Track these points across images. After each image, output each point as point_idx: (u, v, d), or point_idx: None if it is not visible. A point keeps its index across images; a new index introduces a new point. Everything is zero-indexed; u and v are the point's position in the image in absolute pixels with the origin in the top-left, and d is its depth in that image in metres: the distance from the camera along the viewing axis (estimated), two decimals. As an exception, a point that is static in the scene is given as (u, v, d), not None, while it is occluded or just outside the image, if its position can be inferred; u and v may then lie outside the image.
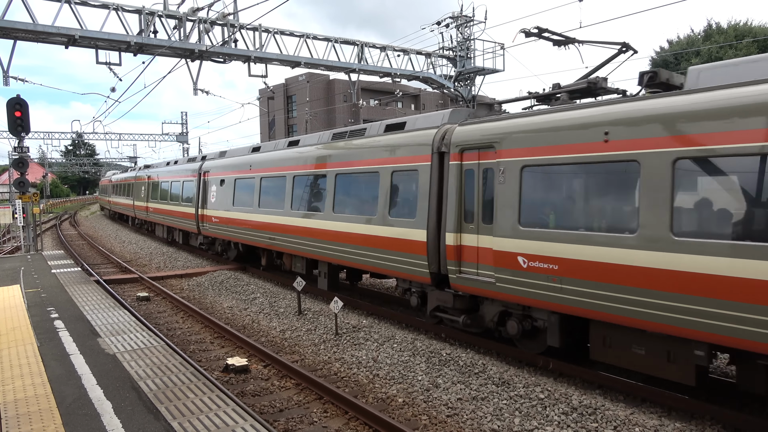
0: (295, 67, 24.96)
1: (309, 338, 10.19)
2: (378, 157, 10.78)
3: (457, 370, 8.10)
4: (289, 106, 67.15)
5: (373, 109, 58.48)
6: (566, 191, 7.58)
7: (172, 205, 23.18)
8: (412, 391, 7.53)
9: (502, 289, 8.07)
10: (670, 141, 6.16)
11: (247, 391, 7.76)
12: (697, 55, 31.29)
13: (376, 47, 26.85)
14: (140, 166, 32.50)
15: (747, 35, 30.83)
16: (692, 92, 6.20)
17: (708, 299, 5.81)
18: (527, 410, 6.71)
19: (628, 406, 6.75)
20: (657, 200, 6.26)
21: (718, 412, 6.37)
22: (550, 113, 7.69)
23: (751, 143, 5.57)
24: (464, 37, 27.70)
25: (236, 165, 17.41)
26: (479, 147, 8.64)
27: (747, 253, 5.52)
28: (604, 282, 6.72)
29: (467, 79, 28.44)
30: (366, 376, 8.23)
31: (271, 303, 12.93)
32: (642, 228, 6.37)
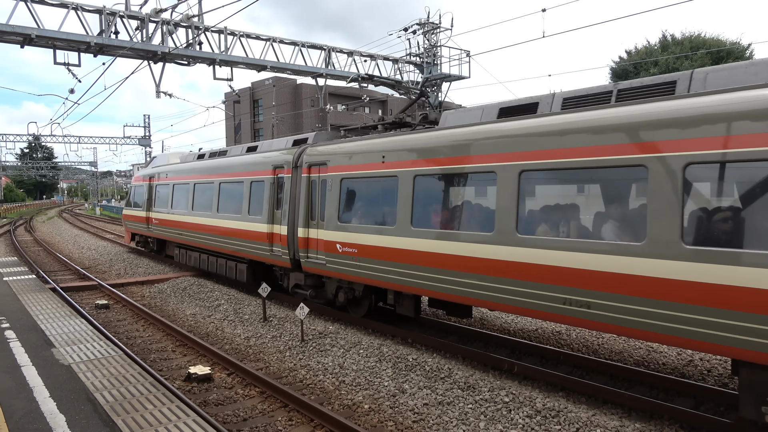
0: (261, 71, 24.71)
1: (274, 345, 10.04)
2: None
3: (423, 375, 8.10)
4: (256, 110, 66.47)
5: (340, 114, 58.39)
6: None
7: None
8: (378, 397, 7.49)
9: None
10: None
11: (209, 400, 7.58)
12: (655, 65, 32.32)
13: (344, 52, 26.83)
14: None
15: (701, 47, 32.04)
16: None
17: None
18: (492, 414, 6.75)
19: (590, 408, 6.86)
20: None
21: (677, 412, 6.54)
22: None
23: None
24: (431, 44, 27.94)
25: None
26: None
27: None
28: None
29: (434, 86, 28.68)
30: (332, 382, 8.15)
31: (236, 309, 12.70)
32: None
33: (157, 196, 20.36)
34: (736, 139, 5.42)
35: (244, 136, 67.55)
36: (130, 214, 23.08)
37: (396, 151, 9.53)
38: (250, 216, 13.48)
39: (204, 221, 15.94)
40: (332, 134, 12.75)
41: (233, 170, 14.79)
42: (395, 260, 9.22)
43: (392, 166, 9.48)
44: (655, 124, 6.06)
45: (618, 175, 6.45)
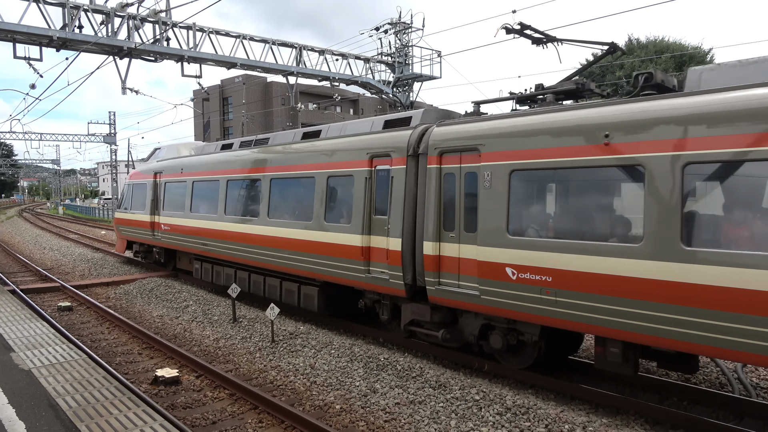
0: (230, 68, 24.36)
1: (244, 346, 9.91)
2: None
3: (394, 375, 8.11)
4: (225, 108, 65.57)
5: (311, 113, 58.07)
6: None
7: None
8: (349, 398, 7.46)
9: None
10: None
11: (177, 403, 7.43)
12: (620, 68, 33.08)
13: (315, 50, 26.67)
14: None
15: (665, 51, 32.95)
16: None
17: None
18: (463, 412, 6.80)
19: (558, 404, 6.97)
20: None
21: (642, 407, 6.70)
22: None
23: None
24: (402, 44, 28.02)
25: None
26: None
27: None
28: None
29: (405, 85, 28.76)
30: (303, 383, 8.08)
31: (205, 311, 12.50)
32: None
33: (166, 196, 16.45)
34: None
35: (213, 134, 66.58)
36: (126, 218, 19.00)
37: (644, 125, 6.18)
38: (327, 224, 10.22)
39: (244, 229, 12.44)
40: (445, 112, 9.66)
41: (294, 162, 11.38)
42: (643, 298, 6.04)
43: (630, 149, 6.26)
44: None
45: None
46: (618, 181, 6.70)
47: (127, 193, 19.47)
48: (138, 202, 18.25)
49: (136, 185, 18.69)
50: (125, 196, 19.51)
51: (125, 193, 19.58)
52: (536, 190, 7.52)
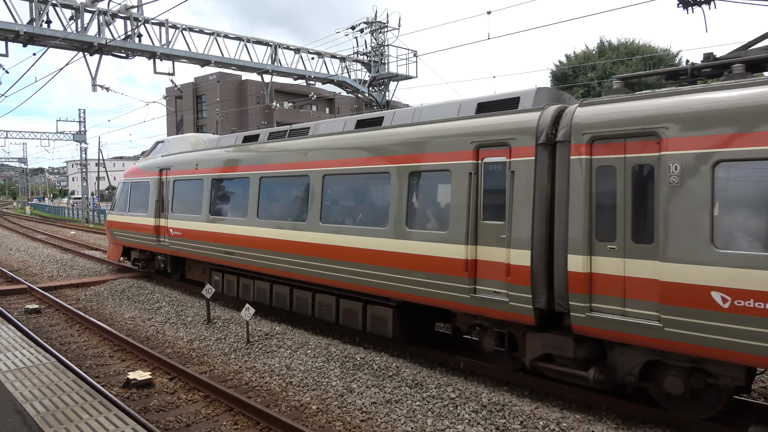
0: (204, 66, 24.06)
1: (219, 347, 9.79)
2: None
3: (371, 374, 8.11)
4: (199, 107, 64.68)
5: (287, 112, 57.66)
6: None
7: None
8: (326, 398, 7.44)
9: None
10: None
11: (150, 406, 7.30)
12: (593, 69, 33.65)
13: (290, 49, 26.50)
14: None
15: (636, 53, 33.64)
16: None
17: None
18: (439, 410, 6.84)
19: (533, 401, 7.06)
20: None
21: (613, 402, 6.83)
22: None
23: None
24: (378, 43, 28.02)
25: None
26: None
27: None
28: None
29: (381, 85, 28.78)
30: (279, 384, 8.03)
31: (178, 312, 12.31)
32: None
33: (176, 196, 14.28)
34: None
35: (187, 132, 65.54)
36: (122, 221, 16.71)
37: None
38: (410, 230, 8.36)
39: (285, 236, 10.48)
40: (558, 93, 8.11)
41: (355, 155, 9.47)
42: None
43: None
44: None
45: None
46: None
47: (122, 192, 17.13)
48: (138, 203, 15.98)
49: (136, 184, 16.32)
50: (120, 196, 17.21)
51: (120, 192, 17.27)
52: (759, 190, 5.50)
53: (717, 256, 5.52)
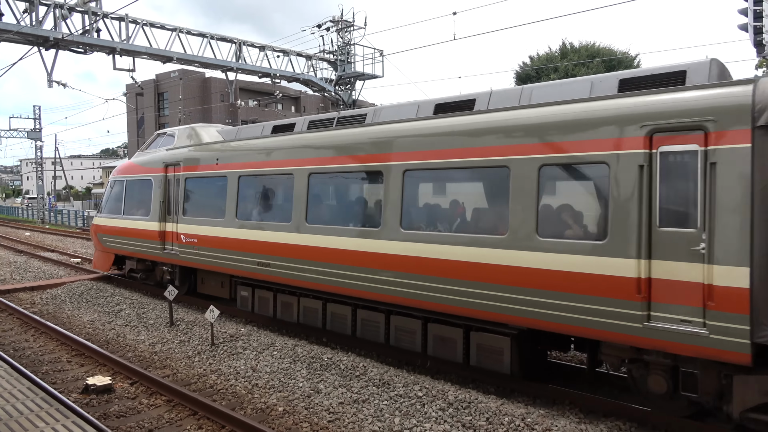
0: (166, 62, 23.54)
1: (182, 350, 9.59)
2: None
3: (338, 374, 8.08)
4: (161, 104, 63.23)
5: (252, 110, 56.95)
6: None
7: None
8: (292, 399, 7.37)
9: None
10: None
11: (110, 412, 7.10)
12: (555, 71, 34.33)
13: (255, 46, 26.17)
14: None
15: (596, 55, 34.48)
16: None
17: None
18: (407, 409, 6.86)
19: (498, 398, 7.16)
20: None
21: (576, 396, 6.99)
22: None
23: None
24: (344, 42, 27.94)
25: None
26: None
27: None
28: None
29: (348, 84, 28.71)
30: (244, 386, 7.91)
31: (139, 315, 12.00)
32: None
33: (190, 196, 12.36)
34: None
35: (148, 130, 64.04)
36: (114, 225, 14.53)
37: None
38: (543, 240, 6.61)
39: (346, 244, 8.72)
40: (723, 66, 6.57)
41: (453, 144, 7.56)
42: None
43: None
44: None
45: None
46: None
47: (114, 192, 14.88)
48: (136, 205, 13.96)
49: (132, 182, 14.16)
50: (111, 196, 15.01)
51: (111, 192, 15.09)
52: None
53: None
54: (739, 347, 5.34)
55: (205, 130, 13.31)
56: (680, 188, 5.79)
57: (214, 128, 13.54)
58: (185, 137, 13.29)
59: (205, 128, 13.45)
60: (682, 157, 5.81)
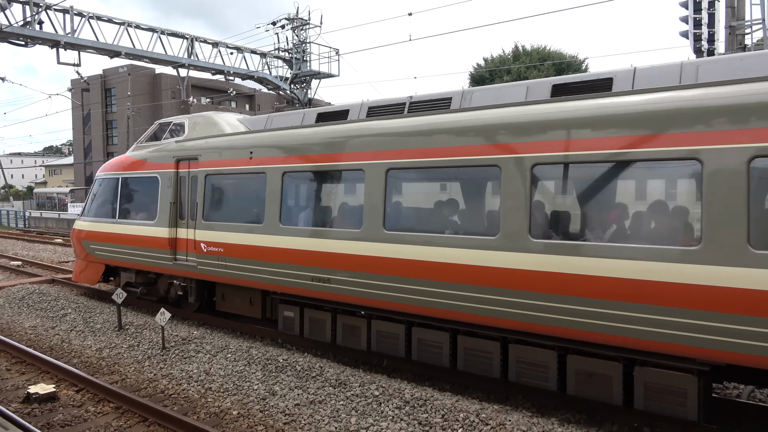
0: (114, 57, 22.75)
1: (131, 355, 9.29)
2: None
3: (294, 376, 8.01)
4: (108, 100, 61.02)
5: (204, 108, 55.73)
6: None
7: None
8: (247, 402, 7.26)
9: None
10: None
11: (54, 422, 6.80)
12: (508, 73, 35.05)
13: (208, 42, 25.64)
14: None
15: (547, 58, 35.43)
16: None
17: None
18: (363, 408, 6.87)
19: (453, 395, 7.26)
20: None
21: (530, 393, 7.16)
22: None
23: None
24: (300, 40, 27.71)
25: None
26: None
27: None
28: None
29: (303, 82, 28.48)
30: (197, 390, 7.74)
31: (86, 319, 11.55)
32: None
33: (212, 196, 10.45)
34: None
35: (95, 127, 61.71)
36: (105, 231, 12.43)
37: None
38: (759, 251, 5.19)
39: (445, 256, 7.09)
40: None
41: (603, 132, 6.07)
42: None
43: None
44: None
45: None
46: None
47: (105, 192, 12.85)
48: (136, 207, 12.07)
49: (131, 180, 12.20)
50: (101, 196, 12.95)
51: (100, 192, 13.01)
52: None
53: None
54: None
55: (223, 118, 11.44)
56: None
57: (233, 116, 11.70)
58: (201, 127, 11.33)
59: (223, 116, 11.58)
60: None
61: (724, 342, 5.32)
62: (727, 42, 15.72)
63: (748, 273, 5.19)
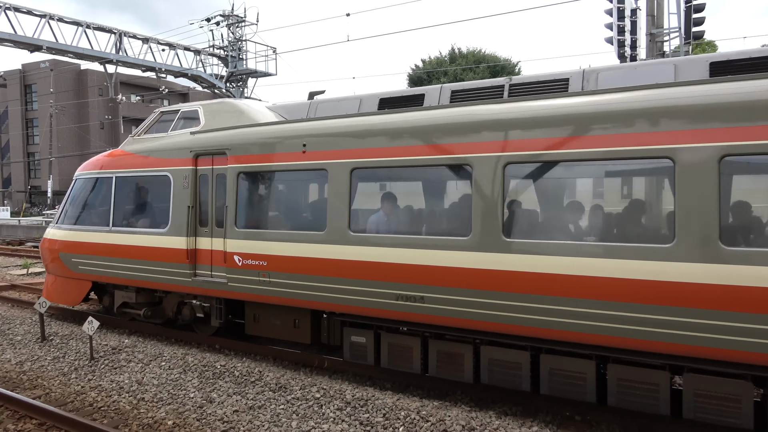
0: (34, 51, 21.44)
1: (56, 367, 8.77)
2: None
3: (232, 381, 7.82)
4: (28, 97, 57.41)
5: (135, 106, 53.47)
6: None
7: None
8: (183, 411, 7.02)
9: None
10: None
11: (-32, 442, 6.32)
12: (445, 75, 35.72)
13: (138, 38, 24.63)
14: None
15: (482, 61, 36.37)
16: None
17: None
18: (304, 411, 6.80)
19: (394, 393, 7.32)
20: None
21: (467, 386, 7.31)
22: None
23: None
24: (236, 38, 27.12)
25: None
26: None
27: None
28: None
29: (240, 81, 27.90)
30: (129, 402, 7.40)
31: (3, 331, 10.80)
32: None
33: (251, 199, 8.86)
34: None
35: (13, 126, 57.89)
36: (96, 242, 10.38)
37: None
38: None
39: (600, 269, 5.79)
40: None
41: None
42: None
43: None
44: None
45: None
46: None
47: (92, 194, 10.91)
48: (139, 212, 10.22)
49: (130, 180, 10.24)
50: (86, 199, 11.00)
51: (81, 195, 11.08)
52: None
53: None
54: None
55: (249, 105, 9.77)
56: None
57: (259, 104, 10.11)
58: (223, 115, 9.53)
59: (248, 103, 9.93)
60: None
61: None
62: (647, 48, 16.71)
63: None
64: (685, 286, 5.39)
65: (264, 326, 8.88)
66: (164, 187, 9.63)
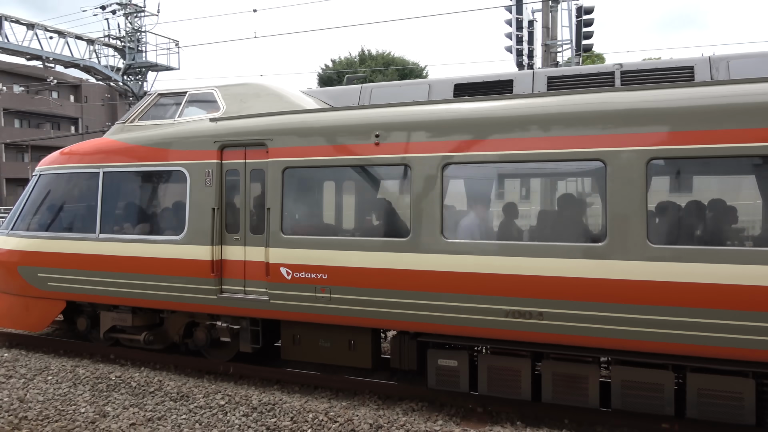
0: None
1: None
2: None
3: (129, 393, 7.38)
4: None
5: (17, 97, 48.83)
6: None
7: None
8: (73, 428, 6.52)
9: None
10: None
11: None
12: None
13: (22, 23, 22.58)
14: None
15: (391, 64, 36.99)
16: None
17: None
18: (208, 420, 6.56)
19: (302, 396, 7.25)
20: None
21: (376, 385, 7.40)
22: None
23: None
24: (134, 28, 25.62)
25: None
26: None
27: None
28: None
29: (139, 74, 26.39)
30: (9, 422, 6.76)
31: None
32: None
33: (302, 200, 7.58)
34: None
35: None
36: (75, 252, 8.43)
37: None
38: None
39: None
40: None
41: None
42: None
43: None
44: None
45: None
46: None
47: (67, 194, 8.97)
48: (138, 215, 8.42)
49: (121, 176, 8.43)
50: (54, 201, 9.01)
51: (51, 195, 9.04)
52: None
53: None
54: None
55: (285, 89, 8.40)
56: None
57: (294, 88, 8.71)
58: (253, 99, 8.08)
59: (283, 87, 8.48)
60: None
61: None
62: (542, 59, 17.79)
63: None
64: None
65: (308, 350, 7.63)
66: (176, 185, 8.05)
